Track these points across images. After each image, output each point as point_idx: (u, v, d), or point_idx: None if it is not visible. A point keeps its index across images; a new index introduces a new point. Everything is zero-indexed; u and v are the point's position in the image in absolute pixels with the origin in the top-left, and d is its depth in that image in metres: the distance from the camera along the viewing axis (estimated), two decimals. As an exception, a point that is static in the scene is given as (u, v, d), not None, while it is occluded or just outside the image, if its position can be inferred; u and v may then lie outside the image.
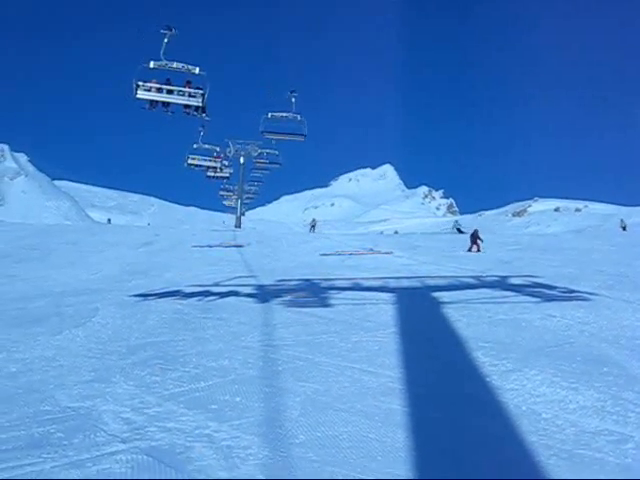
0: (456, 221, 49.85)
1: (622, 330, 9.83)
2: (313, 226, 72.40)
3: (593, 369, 7.55)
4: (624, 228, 60.78)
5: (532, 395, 6.59)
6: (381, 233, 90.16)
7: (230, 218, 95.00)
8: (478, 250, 29.76)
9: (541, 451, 5.09)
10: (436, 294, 13.74)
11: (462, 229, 57.93)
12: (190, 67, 32.97)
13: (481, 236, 30.84)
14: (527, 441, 5.30)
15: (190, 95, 33.42)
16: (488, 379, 7.18)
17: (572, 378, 7.16)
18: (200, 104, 33.64)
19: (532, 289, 14.48)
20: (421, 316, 11.58)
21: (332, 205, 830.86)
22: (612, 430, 5.56)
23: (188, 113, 34.64)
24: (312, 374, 7.45)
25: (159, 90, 33.16)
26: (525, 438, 5.36)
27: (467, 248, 29.82)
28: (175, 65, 32.83)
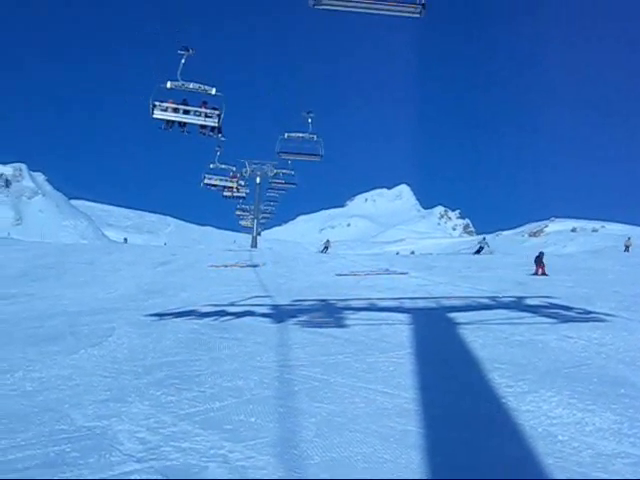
0: (483, 238, 48.43)
1: (639, 352, 9.77)
2: (327, 247, 69.15)
3: (610, 391, 7.51)
4: (627, 248, 59.57)
5: (548, 417, 6.55)
6: (397, 253, 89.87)
7: (244, 238, 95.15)
8: (544, 273, 28.40)
9: (557, 473, 5.06)
10: (452, 315, 13.71)
11: (486, 247, 56.48)
12: (207, 88, 33.04)
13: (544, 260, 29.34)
14: (543, 463, 5.27)
15: (206, 115, 33.44)
16: (504, 400, 7.15)
17: (589, 400, 7.12)
18: (216, 124, 33.67)
19: (548, 310, 14.42)
20: (437, 337, 11.56)
21: (348, 225, 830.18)
22: (629, 453, 5.52)
23: (204, 133, 34.68)
24: (327, 395, 7.43)
25: (175, 110, 33.22)
26: (541, 460, 5.33)
27: (533, 272, 28.49)
28: (192, 86, 32.90)
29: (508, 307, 15.17)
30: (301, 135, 54.28)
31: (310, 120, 53.84)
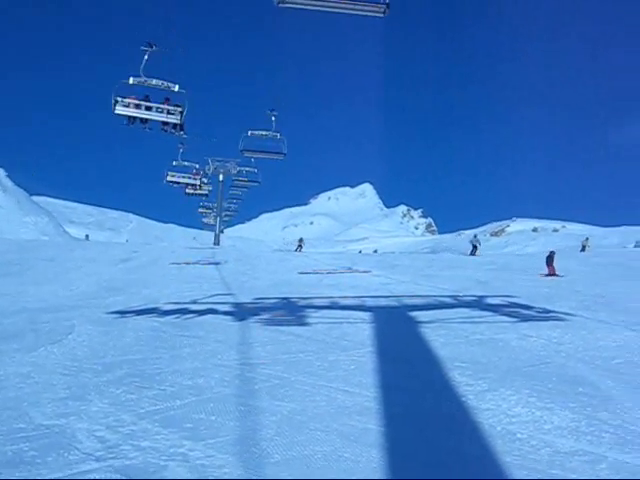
0: (475, 236, 46.25)
1: (598, 350, 9.88)
2: (300, 246, 64.44)
3: (568, 389, 7.58)
4: (584, 248, 59.63)
5: (507, 415, 6.60)
6: (360, 252, 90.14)
7: (206, 235, 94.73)
8: (555, 274, 26.98)
9: (515, 471, 5.10)
10: (413, 313, 13.77)
11: (478, 245, 51.30)
12: (169, 84, 32.93)
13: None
14: (502, 461, 5.31)
15: (169, 112, 33.34)
16: (464, 399, 7.20)
17: (547, 398, 7.19)
18: (178, 121, 33.57)
19: (509, 309, 14.53)
20: (398, 335, 11.59)
21: (311, 223, 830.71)
22: (587, 450, 5.59)
23: (166, 130, 34.56)
24: (288, 393, 7.43)
25: (138, 106, 33.07)
26: (500, 458, 5.37)
27: (545, 273, 27.48)
28: (154, 82, 32.78)
29: (469, 306, 15.25)
30: (264, 133, 54.26)
31: (274, 118, 53.82)
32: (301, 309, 14.74)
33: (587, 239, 61.08)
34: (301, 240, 66.89)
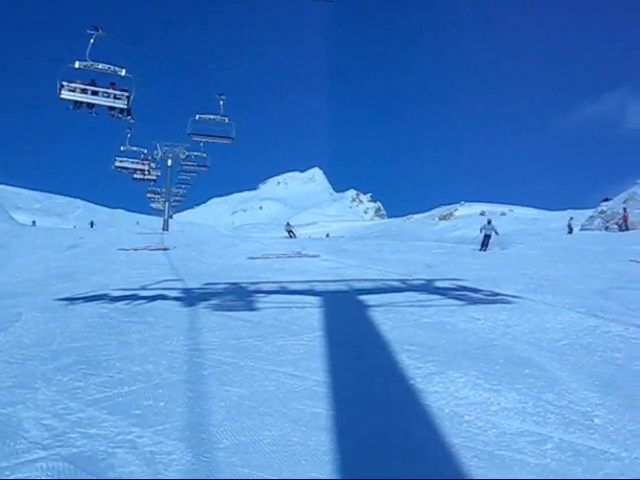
0: (489, 222, 44.12)
1: (544, 332, 9.99)
2: (291, 231, 61.27)
3: (515, 371, 7.67)
4: (570, 230, 60.01)
5: (455, 397, 6.67)
6: (309, 236, 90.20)
7: (153, 220, 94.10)
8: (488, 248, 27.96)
9: (463, 453, 5.16)
10: (362, 297, 13.81)
11: (494, 234, 45.49)
12: (116, 68, 32.64)
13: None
14: (449, 443, 5.36)
15: (115, 97, 33.07)
16: (412, 382, 7.24)
17: (494, 380, 7.27)
18: (125, 106, 33.32)
19: (457, 292, 14.64)
20: (347, 319, 11.63)
21: (261, 208, 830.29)
22: (532, 431, 5.67)
23: (113, 115, 34.28)
24: (237, 378, 7.42)
25: (84, 91, 32.73)
26: (447, 440, 5.43)
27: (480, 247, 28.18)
28: (101, 66, 32.47)
29: (418, 289, 15.34)
30: (213, 117, 54.05)
31: (222, 103, 53.62)
32: (250, 294, 14.72)
33: (571, 219, 61.29)
34: (288, 225, 63.72)
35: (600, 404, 6.44)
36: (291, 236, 59.12)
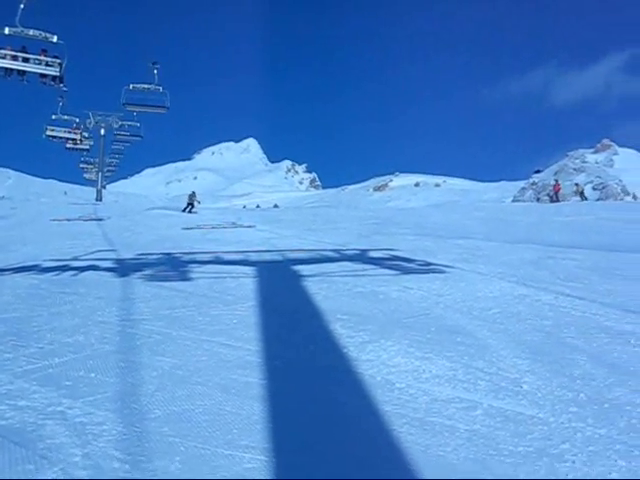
0: (537, 171, 42.27)
1: (476, 301, 10.13)
2: (191, 204, 46.74)
3: (446, 339, 7.76)
4: (582, 195, 59.60)
5: (387, 366, 6.72)
6: (244, 207, 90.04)
7: (80, 190, 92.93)
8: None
9: (394, 420, 5.20)
10: (296, 267, 13.83)
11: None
12: (48, 35, 32.02)
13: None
14: (381, 410, 5.41)
15: (47, 64, 32.46)
16: (345, 350, 7.28)
17: (426, 348, 7.34)
18: (57, 74, 32.76)
19: (391, 262, 14.73)
20: (281, 289, 11.64)
21: (195, 179, 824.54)
22: (462, 398, 5.75)
23: (45, 83, 33.69)
24: (170, 348, 7.37)
25: (14, 58, 32.06)
26: (379, 408, 5.47)
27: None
28: (32, 32, 31.81)
29: (352, 259, 15.41)
30: (146, 87, 53.53)
31: (156, 72, 53.18)
32: (184, 264, 14.64)
33: (577, 184, 60.68)
34: (194, 195, 48.44)
35: (529, 371, 6.56)
36: (190, 210, 46.13)
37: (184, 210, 46.12)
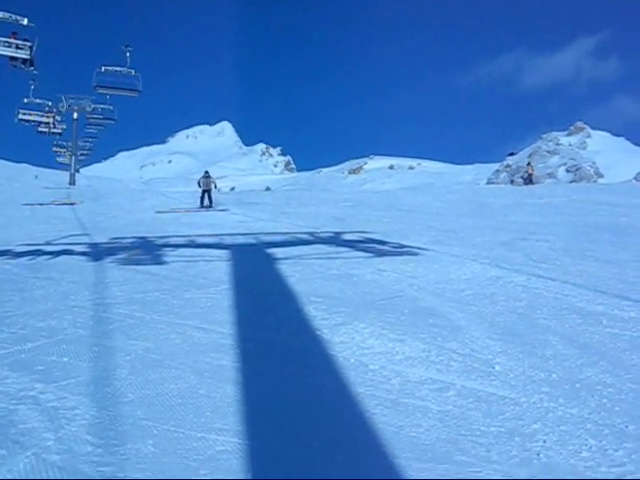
0: (528, 164, 40.41)
1: (449, 283, 10.18)
2: (206, 191, 32.89)
3: (420, 321, 7.80)
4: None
5: (361, 347, 6.74)
6: (218, 190, 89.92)
7: (53, 174, 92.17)
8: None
9: (367, 401, 5.23)
10: (270, 250, 13.83)
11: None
12: (18, 17, 31.67)
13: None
14: (354, 392, 5.42)
15: (17, 47, 32.14)
16: (319, 333, 7.30)
17: (399, 330, 7.38)
18: (28, 56, 32.43)
19: (364, 244, 14.77)
20: (255, 272, 11.63)
21: (169, 162, 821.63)
22: (435, 379, 5.78)
23: (15, 66, 33.36)
24: (143, 332, 7.36)
25: (-17, 40, 31.73)
26: (352, 389, 5.49)
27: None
28: (1, 15, 31.45)
29: (326, 242, 15.43)
30: (119, 69, 53.10)
31: (128, 54, 52.72)
32: (158, 248, 14.59)
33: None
34: (205, 176, 34.02)
35: (501, 352, 6.61)
36: (210, 203, 32.14)
37: (202, 204, 32.00)
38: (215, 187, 33.54)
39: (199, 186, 33.14)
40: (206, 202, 32.04)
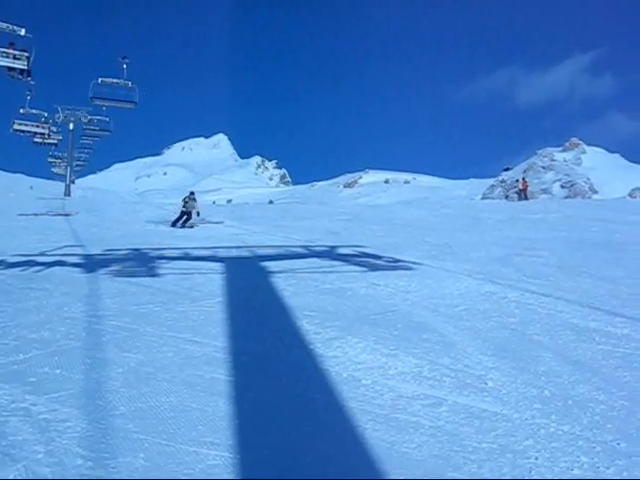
0: (523, 179, 39.61)
1: (442, 298, 10.18)
2: (186, 213, 29.27)
3: (413, 336, 7.80)
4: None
5: (353, 362, 6.74)
6: (213, 203, 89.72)
7: (48, 185, 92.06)
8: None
9: (360, 416, 5.23)
10: (265, 263, 13.81)
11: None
12: (15, 28, 31.71)
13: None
14: (346, 407, 5.43)
15: (15, 57, 32.18)
16: (312, 347, 7.29)
17: (392, 345, 7.38)
18: (25, 67, 32.47)
19: (359, 259, 14.76)
20: (249, 285, 11.61)
21: (165, 174, 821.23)
22: (428, 394, 5.78)
23: (12, 76, 33.38)
24: (136, 344, 7.34)
25: (-20, 50, 31.76)
26: (345, 404, 5.49)
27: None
28: (-1, 25, 31.51)
29: (320, 256, 15.41)
30: (115, 81, 53.16)
31: (125, 66, 52.78)
32: (152, 260, 14.57)
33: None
34: (191, 197, 30.21)
35: (494, 368, 6.61)
36: (185, 223, 28.66)
37: (175, 223, 28.46)
38: (198, 214, 29.17)
39: (183, 204, 29.26)
40: (179, 224, 28.05)
